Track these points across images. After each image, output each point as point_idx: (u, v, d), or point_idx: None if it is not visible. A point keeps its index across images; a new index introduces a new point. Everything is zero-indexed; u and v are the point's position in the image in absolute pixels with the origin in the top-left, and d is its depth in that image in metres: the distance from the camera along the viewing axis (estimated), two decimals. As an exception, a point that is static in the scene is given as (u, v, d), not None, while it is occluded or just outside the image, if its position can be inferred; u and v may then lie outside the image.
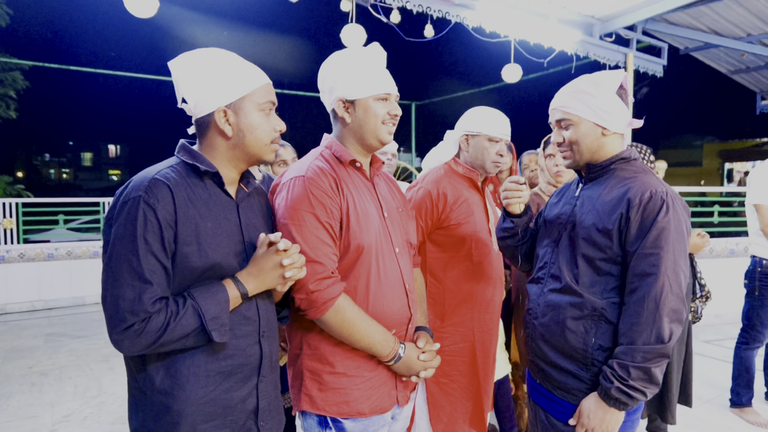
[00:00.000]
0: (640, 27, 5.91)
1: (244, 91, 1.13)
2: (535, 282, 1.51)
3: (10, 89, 10.04)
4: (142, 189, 1.02)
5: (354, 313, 1.28)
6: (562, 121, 1.42)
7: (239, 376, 1.14)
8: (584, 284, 1.33)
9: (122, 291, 0.98)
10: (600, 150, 1.40)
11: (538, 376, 1.49)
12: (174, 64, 1.13)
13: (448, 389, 1.93)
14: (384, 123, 1.39)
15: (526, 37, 4.97)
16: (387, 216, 1.43)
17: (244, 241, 1.17)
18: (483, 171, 1.98)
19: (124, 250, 0.99)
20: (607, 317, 1.30)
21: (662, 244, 1.22)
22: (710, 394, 3.49)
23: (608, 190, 1.35)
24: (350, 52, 1.40)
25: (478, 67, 6.85)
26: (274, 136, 1.20)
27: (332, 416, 1.33)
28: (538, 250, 1.54)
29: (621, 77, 1.38)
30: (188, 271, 1.06)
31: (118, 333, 0.99)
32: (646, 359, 1.21)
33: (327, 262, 1.27)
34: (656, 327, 1.21)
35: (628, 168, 1.39)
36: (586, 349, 1.32)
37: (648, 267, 1.23)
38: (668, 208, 1.24)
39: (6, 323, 5.38)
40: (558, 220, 1.48)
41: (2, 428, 2.96)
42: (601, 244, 1.31)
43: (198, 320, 1.03)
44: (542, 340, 1.43)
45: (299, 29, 18.03)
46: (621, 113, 1.37)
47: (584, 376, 1.33)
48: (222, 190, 1.16)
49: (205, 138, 1.17)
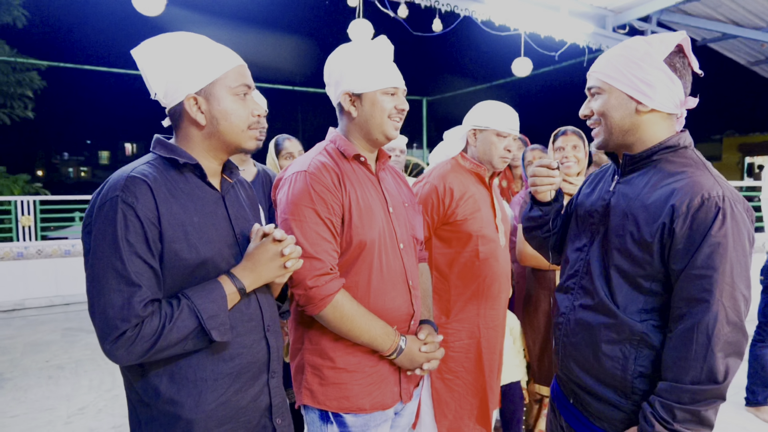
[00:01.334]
0: (655, 18, 5.80)
1: (214, 75, 1.06)
2: (565, 291, 1.30)
3: (27, 89, 10.24)
4: (119, 188, 0.96)
5: (353, 308, 1.28)
6: (592, 88, 1.19)
7: (248, 375, 1.10)
8: (619, 302, 1.13)
9: (110, 298, 0.92)
10: (635, 131, 1.15)
11: (570, 395, 1.30)
12: (137, 53, 1.05)
13: (453, 386, 1.92)
14: (391, 118, 1.37)
15: (536, 30, 4.90)
16: (392, 211, 1.43)
17: (235, 234, 1.12)
18: (490, 166, 1.95)
19: (107, 255, 0.93)
20: (648, 342, 1.10)
21: (717, 263, 1.00)
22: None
23: (648, 190, 1.11)
24: (357, 45, 1.39)
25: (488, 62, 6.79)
26: (251, 121, 1.12)
27: (333, 411, 1.33)
28: (567, 252, 1.32)
29: (676, 40, 1.11)
30: (180, 270, 1.00)
31: (110, 343, 0.92)
32: (695, 401, 1.01)
33: (326, 258, 1.26)
34: (708, 364, 1.00)
35: (676, 160, 1.12)
36: (625, 377, 1.13)
37: (698, 292, 1.01)
38: (725, 217, 1.00)
39: (25, 318, 5.50)
40: (590, 219, 1.25)
41: (20, 420, 3.04)
42: (638, 257, 1.09)
43: (195, 320, 0.97)
44: (574, 362, 1.24)
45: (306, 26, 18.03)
46: (667, 87, 1.10)
47: (625, 406, 1.14)
48: (205, 182, 1.10)
49: (179, 129, 1.10)
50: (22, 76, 10.15)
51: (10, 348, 4.45)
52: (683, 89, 1.14)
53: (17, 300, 5.85)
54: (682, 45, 1.13)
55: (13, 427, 2.94)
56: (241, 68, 1.11)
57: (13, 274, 5.88)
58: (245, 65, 1.14)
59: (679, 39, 1.12)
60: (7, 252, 5.94)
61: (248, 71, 1.15)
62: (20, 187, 10.11)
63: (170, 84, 1.05)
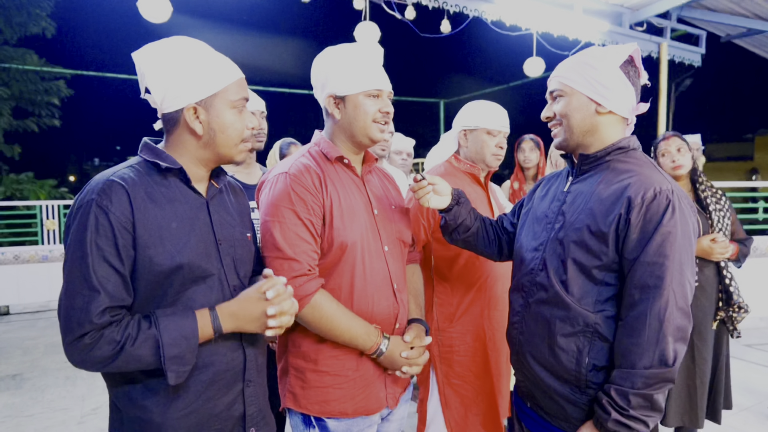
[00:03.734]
0: (675, 14, 5.63)
1: (217, 88, 1.06)
2: (518, 290, 1.34)
3: (54, 97, 10.62)
4: (96, 192, 0.96)
5: (332, 308, 1.27)
6: (555, 91, 1.27)
7: (222, 383, 1.09)
8: (574, 294, 1.17)
9: (72, 300, 0.93)
10: (593, 132, 1.23)
11: (527, 399, 1.34)
12: (139, 56, 1.05)
13: (462, 391, 1.88)
14: (375, 121, 1.36)
15: (549, 29, 4.81)
16: (377, 213, 1.41)
17: (216, 240, 1.11)
18: (484, 165, 1.92)
19: (76, 257, 0.94)
20: (601, 333, 1.14)
21: (667, 251, 1.06)
22: (749, 402, 3.29)
23: (604, 186, 1.18)
24: (342, 48, 1.38)
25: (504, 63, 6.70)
26: (245, 135, 1.13)
27: (315, 415, 1.32)
28: (522, 253, 1.36)
29: (629, 51, 1.20)
30: (154, 275, 1.00)
31: (67, 344, 0.93)
32: (648, 384, 1.05)
33: (304, 259, 1.25)
34: (660, 348, 1.05)
35: (627, 160, 1.21)
36: (579, 370, 1.16)
37: (651, 278, 1.07)
38: (674, 210, 1.08)
39: (48, 319, 5.67)
40: (545, 219, 1.31)
41: (35, 419, 3.12)
42: (594, 248, 1.15)
43: (156, 356, 0.96)
44: (532, 358, 1.27)
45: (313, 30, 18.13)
46: (622, 91, 1.19)
47: (580, 401, 1.18)
48: (189, 187, 1.10)
49: (172, 135, 1.10)
50: (49, 84, 10.54)
51: (32, 348, 4.58)
52: (635, 96, 1.23)
53: (42, 302, 6.04)
54: (633, 56, 1.22)
55: (28, 426, 3.03)
56: (241, 81, 1.13)
57: (38, 277, 6.07)
58: (244, 78, 1.15)
59: (631, 50, 1.21)
60: (32, 255, 6.14)
61: (246, 84, 1.16)
62: (46, 192, 10.47)
63: (170, 90, 1.05)
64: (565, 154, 1.35)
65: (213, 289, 1.09)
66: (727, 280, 2.26)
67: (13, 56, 10.10)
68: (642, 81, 1.26)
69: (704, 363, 2.24)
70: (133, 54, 1.06)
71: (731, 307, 2.25)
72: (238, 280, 1.16)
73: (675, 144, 2.31)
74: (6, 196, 9.92)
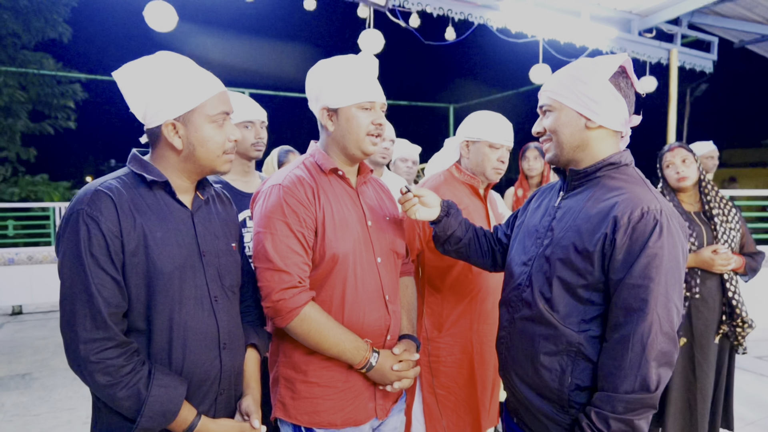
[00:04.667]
0: (685, 21, 5.57)
1: (194, 104, 1.09)
2: (506, 305, 1.33)
3: (70, 101, 10.81)
4: (85, 202, 1.01)
5: (322, 321, 1.28)
6: (544, 106, 1.25)
7: (198, 393, 1.13)
8: (559, 312, 1.16)
9: (74, 308, 0.99)
10: (584, 147, 1.20)
11: (514, 414, 1.33)
12: (118, 75, 1.09)
13: (445, 401, 1.88)
14: (369, 134, 1.37)
15: (555, 36, 4.79)
16: (371, 225, 1.42)
17: (200, 252, 1.14)
18: (484, 178, 1.92)
19: (74, 267, 0.99)
20: (584, 353, 1.13)
21: (653, 274, 1.04)
22: (756, 415, 3.23)
23: (592, 203, 1.16)
24: (336, 61, 1.40)
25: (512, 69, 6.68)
26: (227, 147, 1.16)
27: (305, 426, 1.33)
28: (512, 266, 1.35)
29: (619, 61, 1.18)
30: (137, 283, 1.04)
31: (71, 351, 1.00)
32: (629, 410, 1.04)
33: (295, 271, 1.27)
34: (641, 373, 1.03)
35: (618, 176, 1.18)
36: (561, 390, 1.14)
37: (635, 301, 1.05)
38: (662, 230, 1.05)
39: (59, 320, 5.76)
40: (535, 233, 1.29)
41: (42, 419, 3.18)
42: (580, 267, 1.13)
43: (132, 413, 1.02)
44: (515, 375, 1.26)
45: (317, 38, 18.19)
46: (612, 105, 1.16)
47: (563, 421, 1.16)
48: (175, 200, 1.13)
49: (156, 149, 1.14)
50: (65, 88, 10.73)
51: (43, 348, 4.66)
52: (627, 108, 1.20)
53: (54, 302, 6.13)
54: (624, 66, 1.20)
55: (35, 426, 3.08)
56: (221, 95, 1.15)
57: (51, 277, 6.16)
58: (225, 92, 1.17)
59: (622, 61, 1.19)
60: (45, 255, 6.25)
61: (228, 97, 1.18)
62: (60, 193, 10.65)
63: (150, 107, 1.09)
64: (557, 168, 1.34)
65: (195, 300, 1.12)
66: (730, 293, 2.22)
67: (30, 60, 10.31)
68: (639, 91, 1.23)
69: (705, 377, 2.20)
70: (113, 73, 1.10)
71: (735, 321, 2.22)
72: (222, 290, 1.19)
73: (680, 155, 2.28)
74: (21, 197, 10.12)
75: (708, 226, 2.25)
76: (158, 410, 1.02)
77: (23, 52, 10.35)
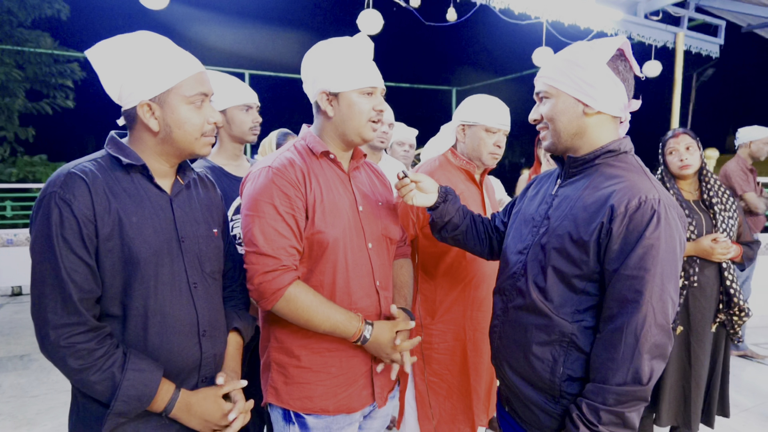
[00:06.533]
0: (693, 3, 5.45)
1: (170, 84, 1.05)
2: (500, 293, 1.32)
3: (68, 80, 10.67)
4: (57, 185, 0.98)
5: (309, 298, 1.25)
6: (540, 93, 1.21)
7: (177, 380, 1.11)
8: (553, 302, 1.14)
9: (43, 293, 0.96)
10: (582, 134, 1.17)
11: (506, 403, 1.33)
12: (92, 54, 1.05)
13: (437, 388, 1.88)
14: (370, 120, 1.34)
15: (559, 17, 4.68)
16: (362, 210, 1.39)
17: (179, 237, 1.12)
18: (480, 162, 1.89)
19: (45, 251, 0.96)
20: (577, 344, 1.12)
21: (648, 265, 1.02)
22: (751, 402, 3.24)
23: (589, 192, 1.13)
24: (335, 42, 1.36)
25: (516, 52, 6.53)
26: (206, 129, 1.12)
27: (296, 411, 1.32)
28: (508, 255, 1.33)
29: (616, 44, 1.14)
30: (112, 268, 1.02)
31: (42, 336, 0.97)
32: (620, 402, 1.03)
33: (281, 254, 1.24)
34: (634, 365, 1.02)
35: (616, 164, 1.14)
36: (553, 380, 1.13)
37: (630, 292, 1.03)
38: (659, 221, 1.03)
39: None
40: (532, 222, 1.27)
41: (39, 400, 3.20)
42: (575, 257, 1.11)
43: (107, 397, 1.00)
44: (507, 365, 1.25)
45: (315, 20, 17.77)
46: (611, 89, 1.13)
47: (554, 411, 1.15)
48: (152, 184, 1.11)
49: (133, 131, 1.11)
50: (63, 67, 10.58)
51: (41, 329, 4.69)
52: (626, 92, 1.16)
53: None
54: (623, 49, 1.16)
55: (32, 407, 3.11)
56: (199, 76, 1.11)
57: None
58: (204, 72, 1.13)
59: (620, 43, 1.15)
60: (43, 237, 6.26)
61: (207, 77, 1.14)
62: (58, 174, 10.58)
63: (124, 88, 1.05)
64: (555, 155, 1.30)
65: (172, 286, 1.10)
66: (728, 281, 2.20)
67: (27, 38, 10.15)
68: (636, 73, 1.19)
69: (700, 365, 2.20)
70: (86, 52, 1.06)
71: (732, 310, 2.20)
72: (201, 276, 1.17)
73: (684, 142, 2.23)
74: (19, 178, 10.07)
75: (707, 214, 2.23)
76: (133, 394, 1.00)
77: (20, 29, 10.19)
